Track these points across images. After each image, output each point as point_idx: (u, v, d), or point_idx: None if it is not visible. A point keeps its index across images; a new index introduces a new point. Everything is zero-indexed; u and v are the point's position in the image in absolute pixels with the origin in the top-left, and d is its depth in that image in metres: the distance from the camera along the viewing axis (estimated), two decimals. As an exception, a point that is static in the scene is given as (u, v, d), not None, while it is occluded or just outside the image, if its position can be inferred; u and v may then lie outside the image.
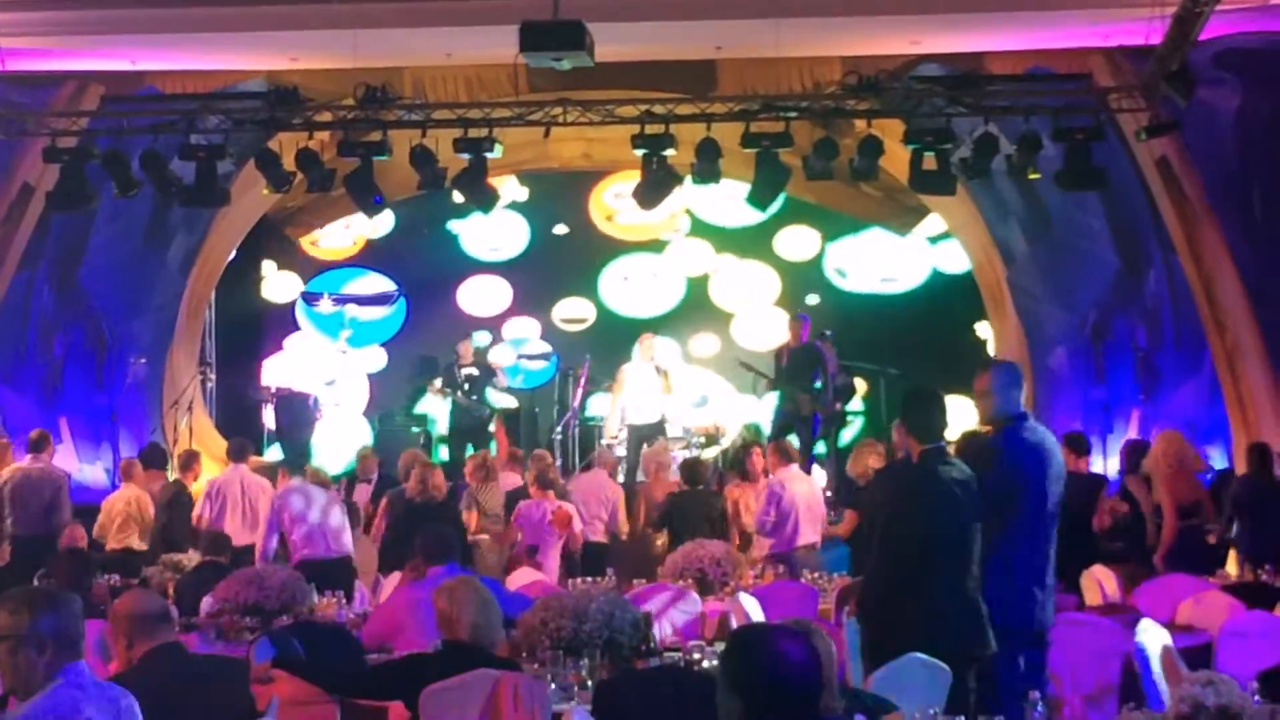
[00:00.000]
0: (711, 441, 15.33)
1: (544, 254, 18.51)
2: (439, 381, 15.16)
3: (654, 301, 18.39)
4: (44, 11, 12.21)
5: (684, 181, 13.42)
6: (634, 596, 8.31)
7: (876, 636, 6.32)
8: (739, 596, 8.59)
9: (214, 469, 13.45)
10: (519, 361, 18.16)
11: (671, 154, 12.53)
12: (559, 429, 15.93)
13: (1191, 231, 13.21)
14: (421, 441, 15.75)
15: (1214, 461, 12.81)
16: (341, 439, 17.06)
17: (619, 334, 17.58)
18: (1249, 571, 9.43)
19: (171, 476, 12.90)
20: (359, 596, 9.42)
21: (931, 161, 12.46)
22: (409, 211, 17.26)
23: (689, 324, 18.22)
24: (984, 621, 6.24)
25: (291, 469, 10.96)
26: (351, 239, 18.50)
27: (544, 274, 18.35)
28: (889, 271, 18.26)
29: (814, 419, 14.15)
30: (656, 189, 12.84)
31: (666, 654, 6.73)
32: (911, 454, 6.42)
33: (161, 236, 15.82)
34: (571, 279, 18.43)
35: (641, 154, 12.52)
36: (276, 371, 18.07)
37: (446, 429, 15.51)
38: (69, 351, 15.33)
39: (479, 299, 18.45)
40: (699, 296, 18.43)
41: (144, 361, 15.97)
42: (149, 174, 12.74)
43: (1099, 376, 15.18)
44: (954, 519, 6.27)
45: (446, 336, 16.05)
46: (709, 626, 8.56)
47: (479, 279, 18.50)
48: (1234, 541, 10.62)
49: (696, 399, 16.51)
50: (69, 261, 14.98)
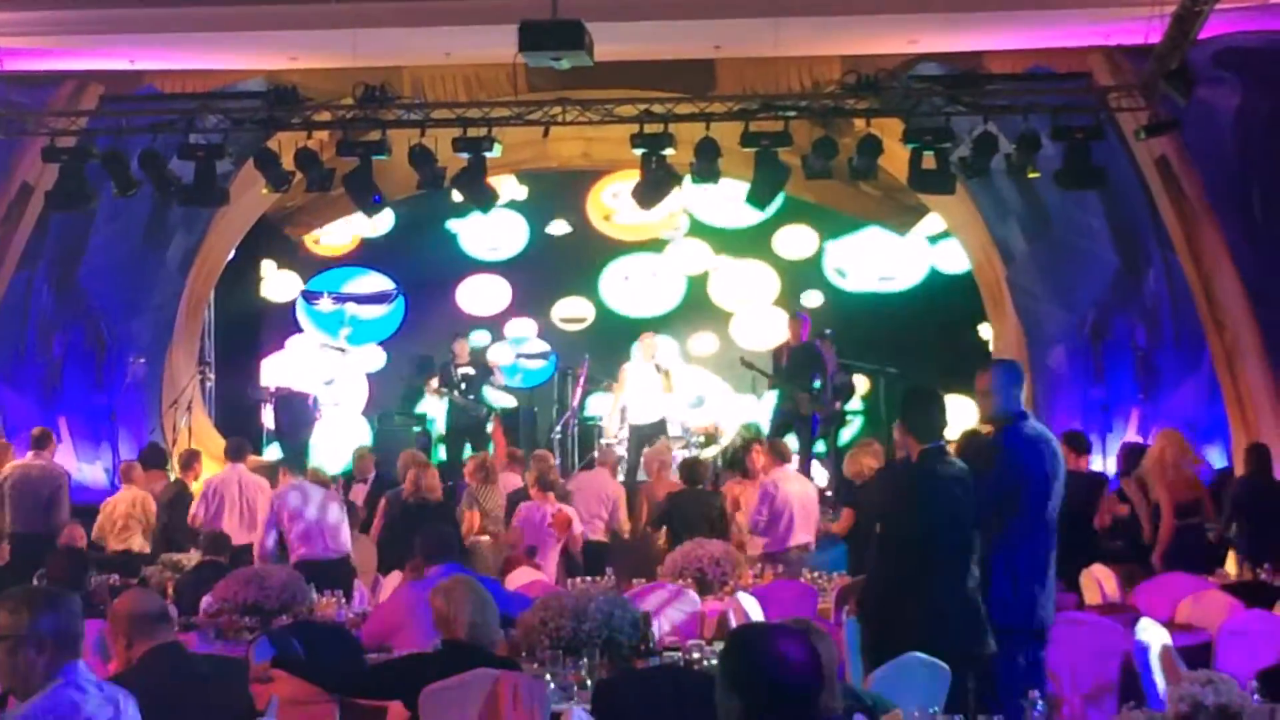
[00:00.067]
0: (711, 441, 15.31)
1: (543, 253, 18.51)
2: (435, 381, 15.15)
3: (653, 301, 18.38)
4: (43, 11, 12.20)
5: (683, 181, 13.42)
6: (632, 596, 8.31)
7: (876, 636, 6.32)
8: (738, 596, 8.59)
9: (214, 469, 13.44)
10: (517, 361, 18.15)
11: (671, 153, 12.52)
12: (558, 428, 15.92)
13: (1191, 231, 13.20)
14: (421, 441, 15.74)
15: (1213, 461, 12.81)
16: (341, 439, 17.05)
17: (618, 333, 17.58)
18: (1248, 571, 9.43)
19: (172, 477, 12.91)
20: (358, 596, 9.41)
21: (931, 160, 12.45)
22: (408, 211, 17.26)
23: (688, 323, 18.21)
24: (983, 621, 6.25)
25: (292, 468, 10.95)
26: (350, 235, 18.50)
27: (543, 273, 18.34)
28: (887, 270, 18.25)
29: (813, 419, 14.14)
30: (656, 188, 12.84)
31: (666, 653, 6.72)
32: (911, 453, 6.43)
33: (161, 236, 15.81)
34: (571, 278, 18.41)
35: (641, 153, 12.52)
36: (276, 371, 18.08)
37: (444, 429, 15.52)
38: (68, 351, 15.32)
39: (478, 298, 18.45)
40: (698, 296, 18.42)
41: (143, 361, 15.96)
42: (148, 173, 12.74)
43: (1098, 376, 15.17)
44: (953, 518, 6.28)
45: (445, 336, 16.03)
46: (708, 626, 8.55)
47: (478, 278, 18.51)
48: (1233, 541, 10.63)
49: (693, 399, 16.49)
50: (68, 261, 14.97)
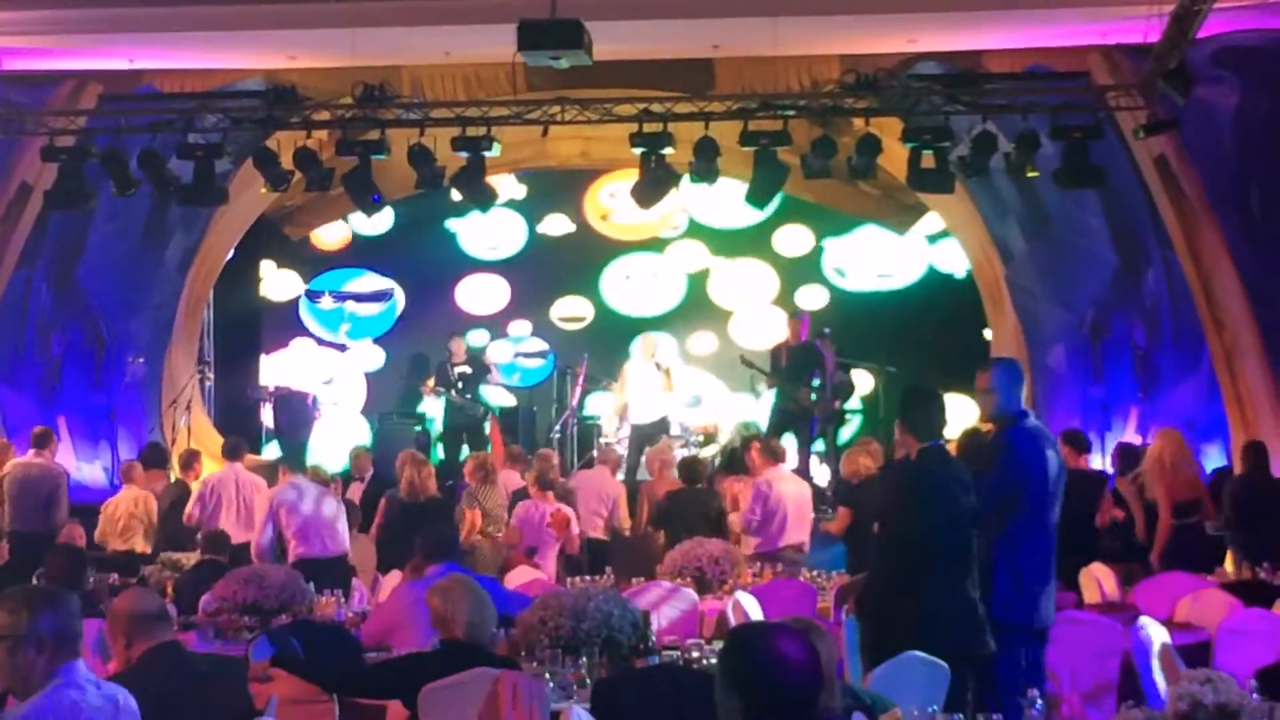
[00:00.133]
0: (710, 440, 15.30)
1: (542, 252, 18.51)
2: (432, 381, 15.15)
3: (652, 300, 18.37)
4: (42, 10, 12.19)
5: (681, 180, 13.42)
6: (628, 594, 8.30)
7: (875, 635, 6.32)
8: (737, 595, 8.59)
9: (214, 468, 13.43)
10: (516, 359, 18.15)
11: (670, 153, 12.52)
12: (557, 427, 15.91)
13: (1190, 230, 13.20)
14: (420, 441, 15.73)
15: (1212, 460, 12.81)
16: (340, 438, 17.04)
17: (617, 332, 17.58)
18: (1247, 569, 9.43)
19: (173, 477, 12.89)
20: (357, 595, 9.40)
21: (930, 160, 12.45)
22: (407, 210, 17.26)
23: (687, 322, 18.21)
24: (982, 621, 6.26)
25: (291, 467, 10.95)
26: (345, 230, 18.54)
27: (542, 272, 18.34)
28: (885, 267, 18.25)
29: (811, 418, 14.13)
30: (654, 188, 12.84)
31: (665, 653, 6.71)
32: (911, 452, 6.44)
33: (160, 235, 15.80)
34: (570, 277, 18.41)
35: (640, 153, 12.52)
36: (275, 370, 18.08)
37: (442, 428, 15.52)
38: (67, 350, 15.32)
39: (477, 297, 18.45)
40: (697, 295, 18.41)
41: (142, 360, 15.96)
42: (147, 173, 12.73)
43: (1097, 375, 15.17)
44: (953, 518, 6.28)
45: (445, 335, 16.03)
46: (707, 625, 8.55)
47: (477, 277, 18.51)
48: (1230, 540, 10.62)
49: (690, 399, 16.47)
50: (67, 260, 14.97)
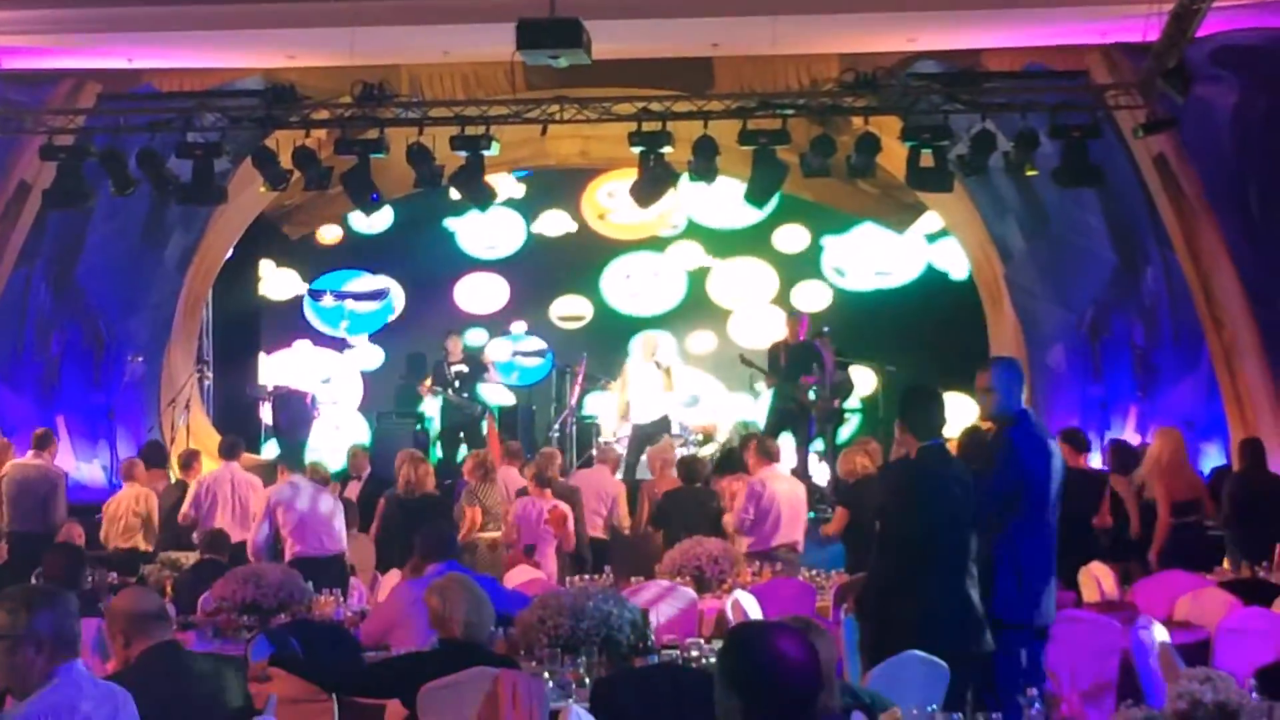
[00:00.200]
0: (708, 439, 15.29)
1: (541, 251, 18.50)
2: (429, 380, 15.13)
3: (652, 299, 18.37)
4: (41, 10, 12.19)
5: (680, 179, 13.41)
6: (626, 593, 8.29)
7: (874, 634, 6.32)
8: (737, 594, 8.58)
9: (214, 468, 13.41)
10: (514, 358, 18.15)
11: (669, 151, 12.52)
12: (556, 426, 15.89)
13: (1189, 228, 13.20)
14: (420, 440, 15.71)
15: (1211, 459, 12.82)
16: (339, 436, 17.04)
17: (616, 331, 17.57)
18: (1246, 568, 9.43)
19: (173, 478, 12.88)
20: (356, 595, 9.40)
21: (929, 158, 12.45)
22: (406, 209, 17.24)
23: (686, 321, 18.19)
24: (981, 620, 6.26)
25: (290, 466, 10.94)
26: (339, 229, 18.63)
27: (541, 271, 18.33)
28: (884, 266, 18.24)
29: (809, 417, 14.12)
30: (653, 187, 12.84)
31: (664, 652, 6.71)
32: (910, 451, 6.44)
33: (159, 234, 15.80)
34: (569, 276, 18.40)
35: (639, 151, 12.52)
36: (274, 369, 18.08)
37: (440, 427, 15.51)
38: (66, 349, 15.31)
39: (476, 296, 18.45)
40: (696, 294, 18.40)
41: (141, 360, 15.96)
42: (146, 172, 12.73)
43: (1097, 374, 15.18)
44: (952, 518, 6.28)
45: (443, 334, 16.01)
46: (706, 624, 8.55)
47: (476, 276, 18.50)
48: (1229, 538, 10.61)
49: (687, 398, 16.45)
50: (66, 259, 14.97)
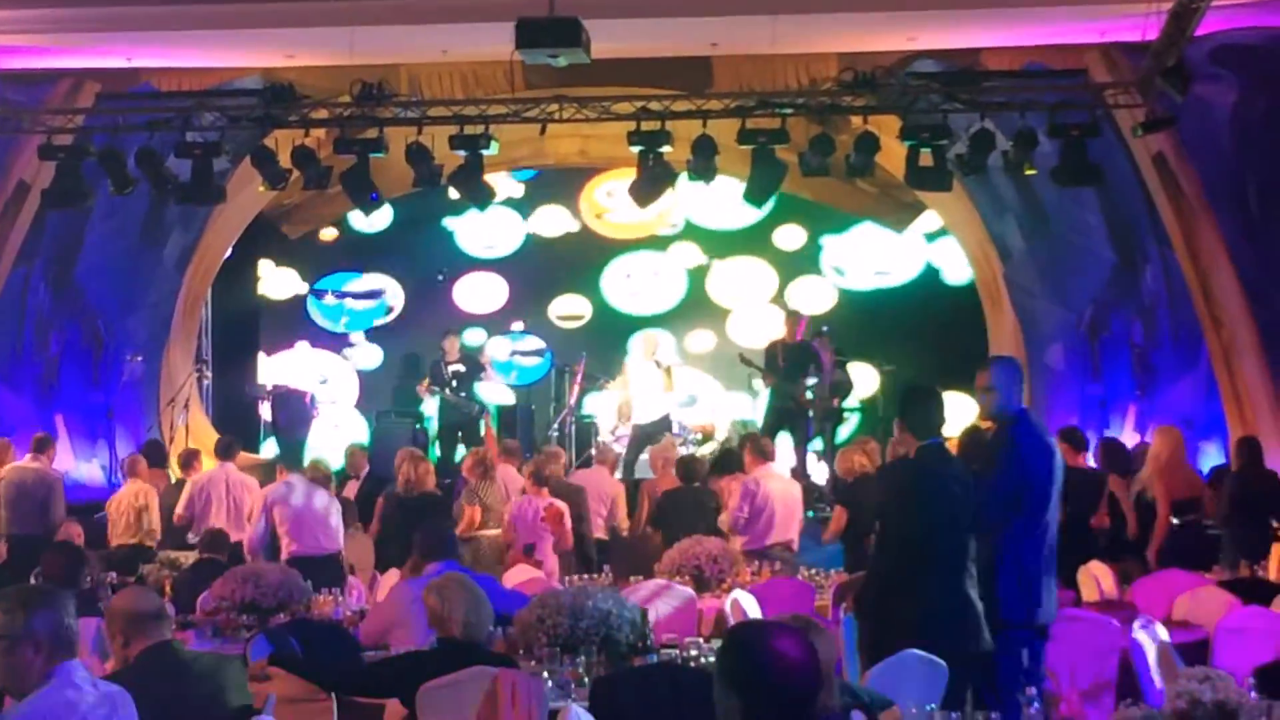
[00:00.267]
0: (707, 438, 15.29)
1: (540, 251, 18.50)
2: (426, 380, 15.14)
3: (651, 298, 18.36)
4: (40, 9, 12.18)
5: (679, 178, 13.40)
6: (624, 592, 8.28)
7: (873, 633, 6.33)
8: (736, 593, 8.59)
9: (213, 466, 13.42)
10: (513, 358, 18.15)
11: (668, 151, 12.51)
12: (555, 426, 15.89)
13: (1188, 227, 13.20)
14: (419, 439, 15.71)
15: (1210, 458, 12.82)
16: (338, 435, 17.04)
17: (615, 331, 17.57)
18: (1246, 567, 9.43)
19: (174, 478, 12.88)
20: (356, 594, 9.39)
21: (928, 158, 12.45)
22: (405, 208, 17.24)
23: (685, 321, 18.19)
24: (980, 619, 6.26)
25: (289, 465, 10.94)
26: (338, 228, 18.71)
27: (540, 271, 18.33)
28: (883, 265, 18.24)
29: (807, 416, 14.11)
30: (652, 186, 12.83)
31: (663, 651, 6.71)
32: (909, 451, 6.45)
33: (157, 234, 15.79)
34: (568, 276, 18.40)
35: (637, 151, 12.51)
36: (273, 368, 18.08)
37: (438, 426, 15.52)
38: (65, 349, 15.30)
39: (475, 295, 18.45)
40: (696, 293, 18.40)
41: (140, 359, 15.95)
42: (145, 171, 12.72)
43: (1096, 373, 15.18)
44: (952, 517, 6.28)
45: (441, 333, 16.00)
46: (706, 623, 8.55)
47: (475, 276, 18.50)
48: (1227, 536, 10.61)
49: (685, 398, 16.45)
50: (65, 259, 14.96)
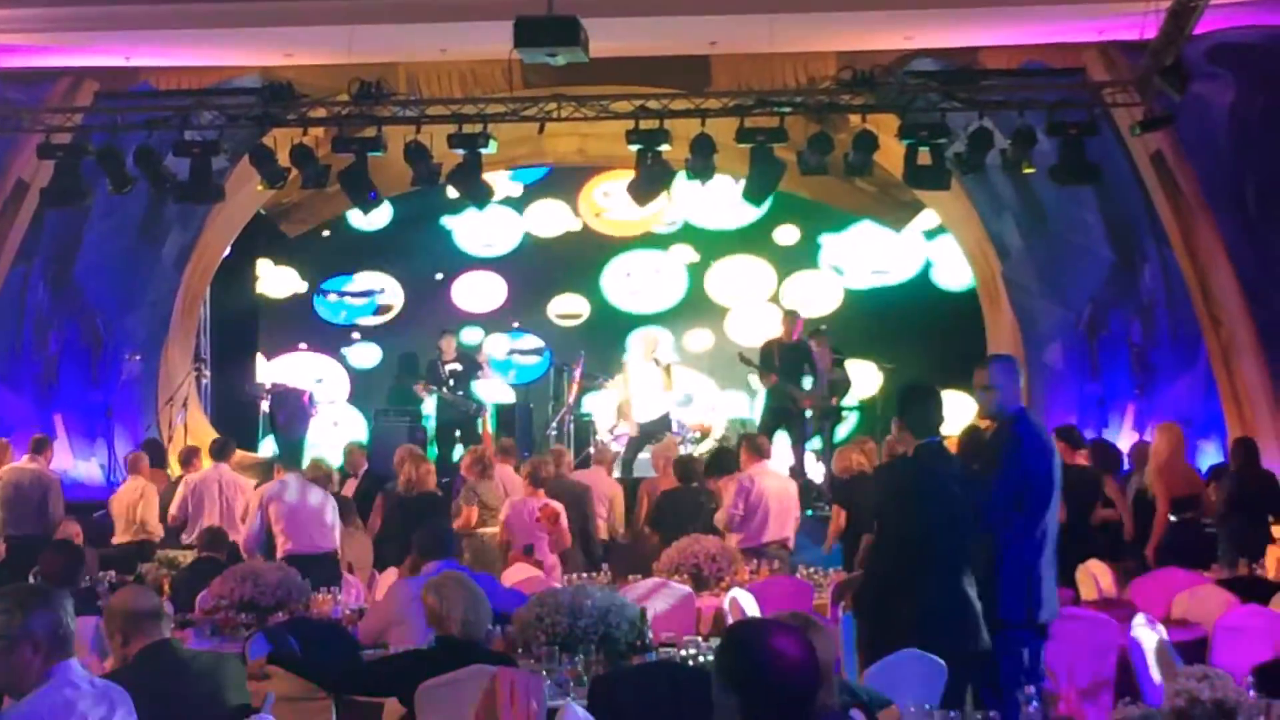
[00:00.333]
0: (705, 438, 15.28)
1: (538, 249, 18.50)
2: (424, 379, 15.15)
3: (650, 297, 18.37)
4: (39, 8, 12.18)
5: (677, 177, 13.40)
6: (622, 591, 8.27)
7: (872, 631, 6.33)
8: (734, 592, 8.59)
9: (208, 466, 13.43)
10: (511, 356, 18.14)
11: (666, 149, 12.52)
12: (554, 425, 15.87)
13: (1186, 226, 13.20)
14: (418, 437, 15.69)
15: (1208, 456, 12.82)
16: (337, 433, 17.04)
17: (614, 329, 17.56)
18: (1244, 565, 9.44)
19: (174, 474, 12.87)
20: (355, 593, 9.39)
21: (926, 156, 12.46)
22: (404, 207, 17.24)
23: (684, 319, 18.19)
24: (978, 618, 6.26)
25: (286, 464, 10.93)
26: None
27: (538, 269, 18.33)
28: (881, 263, 18.24)
29: (805, 415, 14.10)
30: (650, 184, 12.84)
31: (662, 650, 6.71)
32: (908, 449, 6.45)
33: (156, 232, 15.79)
34: (566, 274, 18.39)
35: (636, 149, 12.52)
36: (271, 368, 18.08)
37: (435, 425, 15.53)
38: (64, 347, 15.30)
39: (473, 294, 18.45)
40: (694, 292, 18.40)
41: (139, 358, 15.95)
42: (143, 170, 12.73)
43: (1094, 372, 15.18)
44: (950, 516, 6.29)
45: (439, 332, 15.99)
46: (704, 622, 8.55)
47: (473, 275, 18.50)
48: (1223, 535, 10.62)
49: (681, 397, 16.44)
50: (63, 258, 14.96)
